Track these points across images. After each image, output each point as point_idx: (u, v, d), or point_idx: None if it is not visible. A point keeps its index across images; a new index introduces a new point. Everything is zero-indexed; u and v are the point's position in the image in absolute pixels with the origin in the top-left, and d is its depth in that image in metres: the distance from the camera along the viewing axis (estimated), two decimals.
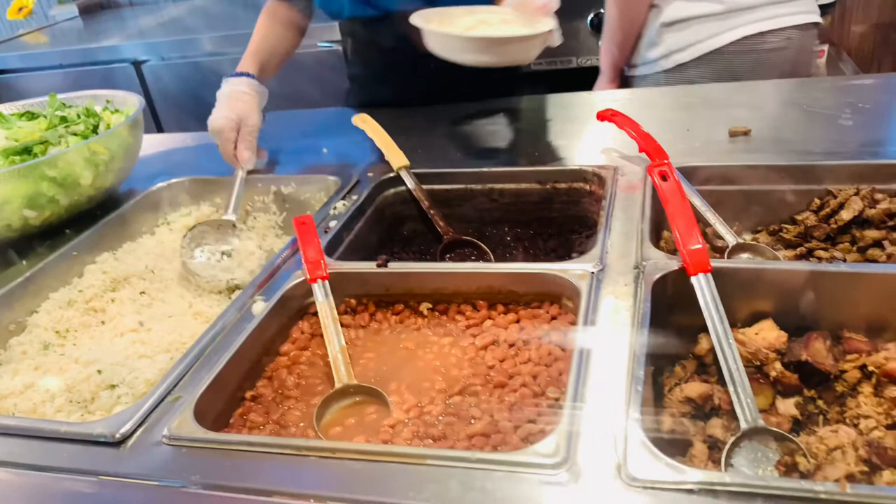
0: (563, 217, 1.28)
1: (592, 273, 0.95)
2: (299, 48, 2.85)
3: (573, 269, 0.96)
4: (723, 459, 0.78)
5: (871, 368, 0.84)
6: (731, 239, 1.09)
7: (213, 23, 3.31)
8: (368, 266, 1.05)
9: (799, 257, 1.10)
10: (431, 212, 1.27)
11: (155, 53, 3.07)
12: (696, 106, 1.48)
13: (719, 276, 0.89)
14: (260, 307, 1.00)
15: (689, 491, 0.63)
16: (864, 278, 0.87)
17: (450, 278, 1.02)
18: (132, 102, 1.50)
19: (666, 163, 0.99)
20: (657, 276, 0.91)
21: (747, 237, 1.18)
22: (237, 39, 2.90)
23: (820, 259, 1.09)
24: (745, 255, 1.08)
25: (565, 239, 1.27)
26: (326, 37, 2.78)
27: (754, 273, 0.92)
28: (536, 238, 1.29)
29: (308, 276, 1.02)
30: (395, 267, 1.04)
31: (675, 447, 0.84)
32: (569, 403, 0.74)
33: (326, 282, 1.01)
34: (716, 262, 0.89)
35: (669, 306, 0.92)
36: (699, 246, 0.89)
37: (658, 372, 0.92)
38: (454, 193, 1.33)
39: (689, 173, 1.18)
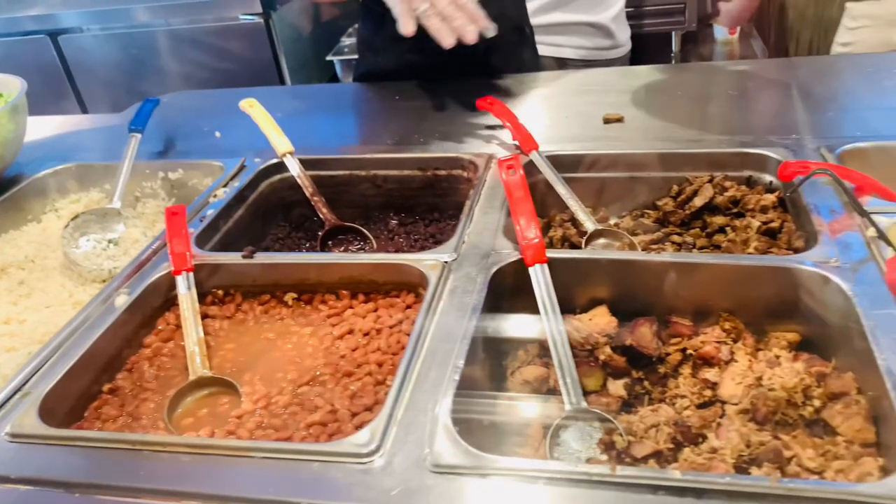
0: (444, 203, 1.32)
1: (446, 262, 0.99)
2: (220, 21, 2.82)
3: (427, 259, 1.00)
4: (547, 440, 0.84)
5: (689, 351, 0.90)
6: (590, 225, 1.13)
7: None
8: (235, 257, 1.07)
9: (655, 241, 1.15)
10: (315, 198, 1.28)
11: (75, 23, 2.96)
12: (578, 92, 1.52)
13: (557, 266, 0.94)
14: (122, 300, 1.01)
15: (484, 475, 0.68)
16: (687, 267, 0.93)
17: (314, 269, 1.05)
18: (14, 86, 1.47)
19: (514, 156, 1.03)
20: (498, 266, 0.95)
21: (614, 221, 1.24)
22: (172, 10, 2.83)
23: (675, 243, 1.15)
24: (602, 241, 1.14)
25: (446, 224, 1.31)
26: (247, 9, 2.73)
27: (587, 263, 0.97)
28: (419, 224, 1.32)
29: (173, 268, 1.03)
30: (262, 258, 1.06)
31: (510, 429, 0.90)
32: (394, 392, 0.78)
33: (191, 273, 1.03)
34: (551, 253, 0.94)
35: (513, 294, 0.96)
36: (537, 239, 0.93)
37: (504, 356, 0.98)
38: (339, 179, 1.35)
39: (557, 161, 1.22)
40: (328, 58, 2.91)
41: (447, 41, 1.27)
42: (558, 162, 1.22)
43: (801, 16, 3.19)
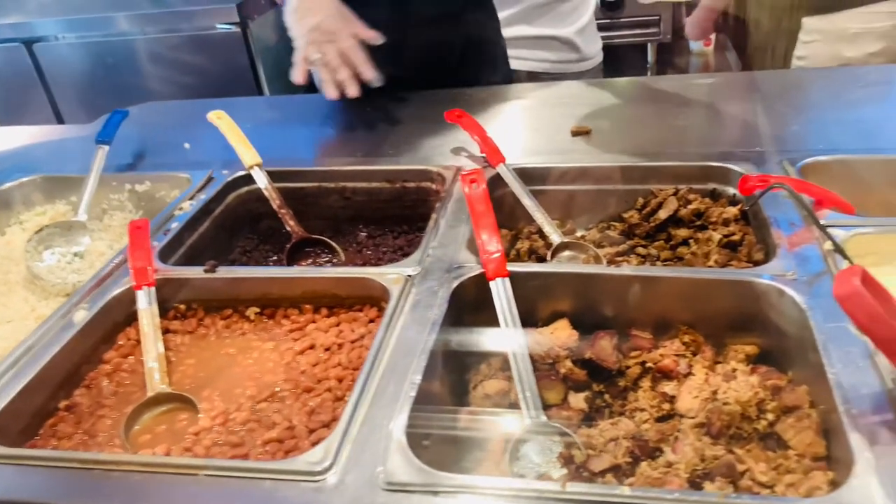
0: (413, 215, 1.31)
1: (409, 276, 0.99)
2: (197, 30, 2.81)
3: (390, 273, 0.99)
4: (507, 455, 0.84)
5: (649, 364, 0.90)
6: (555, 238, 1.14)
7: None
8: (197, 271, 1.06)
9: (621, 254, 1.16)
10: (282, 211, 1.28)
11: (51, 32, 2.94)
12: (548, 104, 1.53)
13: (519, 280, 0.94)
14: (81, 315, 1.00)
15: (436, 493, 0.68)
16: (647, 281, 0.93)
17: (276, 283, 1.04)
18: None
19: (477, 169, 1.03)
20: (460, 280, 0.95)
21: (581, 234, 1.25)
22: (149, 19, 2.82)
23: (640, 255, 1.16)
24: (567, 253, 1.14)
25: (415, 237, 1.31)
26: (224, 18, 2.72)
27: (548, 276, 0.97)
28: (388, 236, 1.32)
29: (133, 283, 1.02)
30: (224, 272, 1.06)
31: (472, 444, 0.89)
32: (350, 408, 0.78)
33: (153, 288, 1.02)
34: (513, 267, 0.94)
35: (475, 308, 0.96)
36: (498, 253, 0.94)
37: (467, 370, 0.97)
38: (308, 191, 1.34)
39: (525, 173, 1.22)
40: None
41: (329, 93, 1.36)
42: (526, 174, 1.23)
43: (775, 28, 3.25)
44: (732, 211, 1.09)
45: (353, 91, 1.34)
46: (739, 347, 0.91)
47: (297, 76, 1.37)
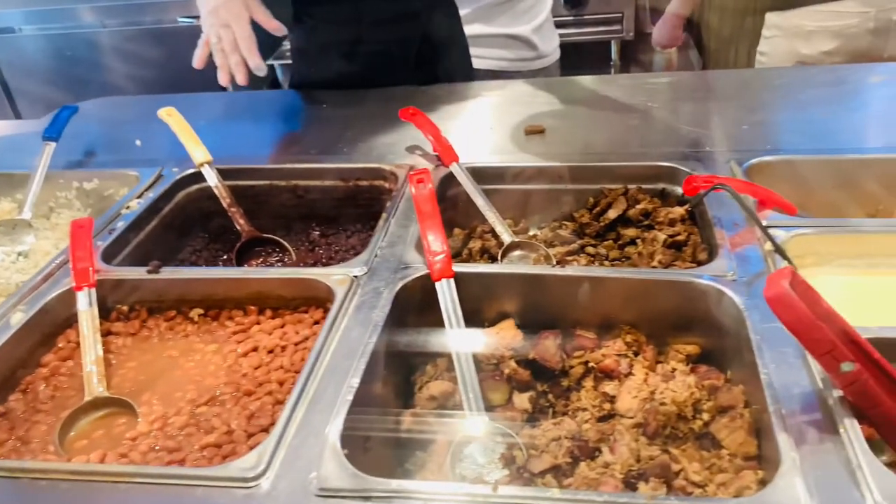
0: (367, 214, 1.30)
1: (355, 277, 0.98)
2: (158, 23, 2.76)
3: (336, 274, 0.99)
4: (449, 457, 0.84)
5: (591, 364, 0.91)
6: (506, 237, 1.14)
7: None
8: (140, 272, 1.04)
9: (571, 253, 1.16)
10: (232, 209, 1.25)
11: (8, 23, 2.86)
12: (504, 103, 1.53)
13: (465, 280, 0.94)
14: (18, 317, 0.98)
15: (368, 498, 0.67)
16: (591, 281, 0.94)
17: (221, 284, 1.02)
18: None
19: (424, 169, 1.02)
20: (404, 281, 0.94)
21: (534, 233, 1.25)
22: (109, 11, 2.75)
23: (590, 254, 1.16)
24: (518, 252, 1.14)
25: (368, 236, 1.29)
26: (185, 11, 2.68)
27: (494, 277, 0.97)
28: (341, 235, 1.31)
29: (74, 284, 1.00)
30: (168, 273, 1.04)
31: (416, 446, 0.89)
32: (286, 412, 0.77)
33: (93, 289, 1.00)
34: (458, 268, 0.94)
35: (421, 309, 0.96)
36: (443, 254, 0.93)
37: (413, 371, 0.97)
38: (259, 190, 1.33)
39: (478, 173, 1.22)
40: (268, 62, 2.87)
41: (220, 78, 1.35)
42: (479, 174, 1.22)
43: (738, 27, 3.29)
44: (679, 211, 1.10)
45: (240, 78, 1.33)
46: (681, 347, 0.92)
47: (196, 60, 1.36)
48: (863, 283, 0.97)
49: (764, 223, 0.98)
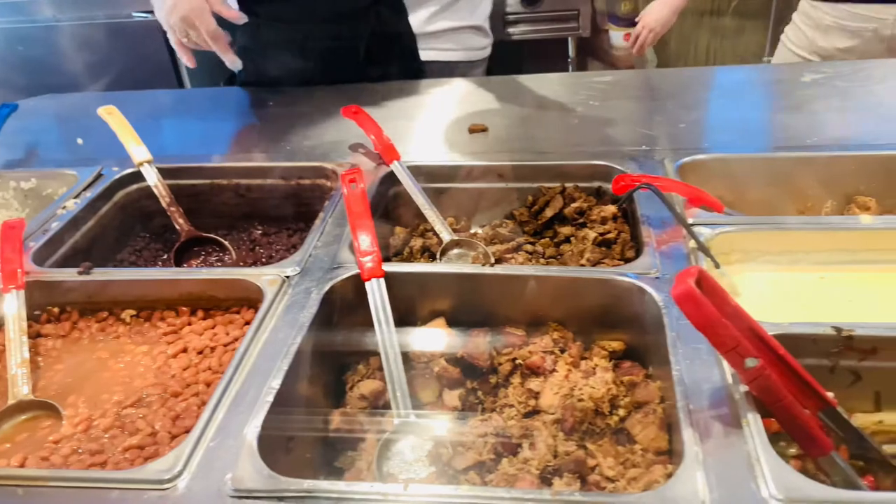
0: (309, 213, 1.30)
1: (287, 277, 0.98)
2: (111, 18, 2.70)
3: (268, 274, 0.98)
4: (375, 455, 0.84)
5: (519, 361, 0.92)
6: (445, 235, 1.15)
7: None
8: (71, 273, 1.03)
9: (511, 251, 1.17)
10: (171, 209, 1.24)
11: None
12: (450, 101, 1.54)
13: (397, 280, 0.94)
14: None
15: (282, 499, 0.68)
16: (519, 280, 0.95)
17: (153, 285, 1.02)
18: None
19: (356, 168, 1.03)
20: (334, 281, 0.95)
21: (475, 231, 1.26)
22: (61, 5, 2.69)
23: (528, 252, 1.17)
24: (456, 251, 1.15)
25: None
26: (141, 6, 2.63)
27: (425, 276, 0.98)
28: (282, 234, 1.31)
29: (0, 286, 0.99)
30: (99, 274, 1.03)
31: (346, 445, 0.90)
32: (207, 414, 0.77)
33: (21, 291, 0.99)
34: (388, 267, 0.94)
35: (353, 308, 0.96)
36: (373, 255, 0.93)
37: (346, 371, 0.97)
38: (201, 189, 1.32)
39: (420, 171, 1.23)
40: None
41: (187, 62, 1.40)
42: (421, 172, 1.23)
43: (696, 24, 3.32)
44: (611, 209, 1.11)
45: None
46: (606, 343, 0.93)
47: (186, 62, 1.35)
48: (786, 278, 0.99)
49: (690, 221, 1.01)
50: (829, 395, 0.75)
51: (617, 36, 2.61)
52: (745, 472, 0.66)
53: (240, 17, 1.33)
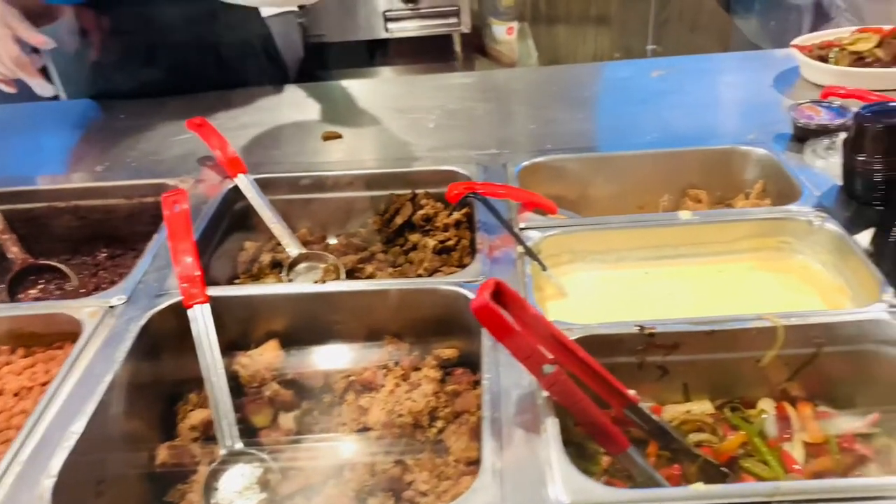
0: (154, 232, 1.25)
1: (111, 307, 0.94)
2: None
3: (89, 306, 0.94)
4: (201, 486, 0.82)
5: (352, 378, 0.92)
6: (293, 250, 1.13)
7: None
8: None
9: (363, 260, 1.17)
10: (4, 237, 1.18)
11: None
12: (304, 107, 1.52)
13: (225, 303, 0.92)
14: None
15: None
16: (349, 296, 0.95)
17: None
18: None
19: (179, 189, 1.00)
20: (155, 310, 0.92)
21: (330, 242, 1.25)
22: None
23: (381, 261, 1.17)
24: (304, 265, 1.14)
25: None
26: None
27: (253, 299, 0.96)
28: (128, 256, 1.26)
29: None
30: None
31: (176, 478, 0.87)
32: (6, 461, 0.73)
33: None
34: (215, 291, 0.92)
35: (180, 336, 0.93)
36: (192, 281, 0.91)
37: (177, 401, 0.95)
38: (38, 213, 1.25)
39: (269, 184, 1.20)
40: None
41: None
42: (270, 184, 1.21)
43: (583, 17, 3.40)
44: (455, 216, 1.12)
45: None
46: (441, 352, 0.94)
47: (4, 88, 1.28)
48: (612, 276, 1.03)
49: (522, 226, 1.03)
50: (631, 392, 0.78)
51: (500, 30, 2.64)
52: (539, 478, 0.68)
53: (46, 43, 1.27)
